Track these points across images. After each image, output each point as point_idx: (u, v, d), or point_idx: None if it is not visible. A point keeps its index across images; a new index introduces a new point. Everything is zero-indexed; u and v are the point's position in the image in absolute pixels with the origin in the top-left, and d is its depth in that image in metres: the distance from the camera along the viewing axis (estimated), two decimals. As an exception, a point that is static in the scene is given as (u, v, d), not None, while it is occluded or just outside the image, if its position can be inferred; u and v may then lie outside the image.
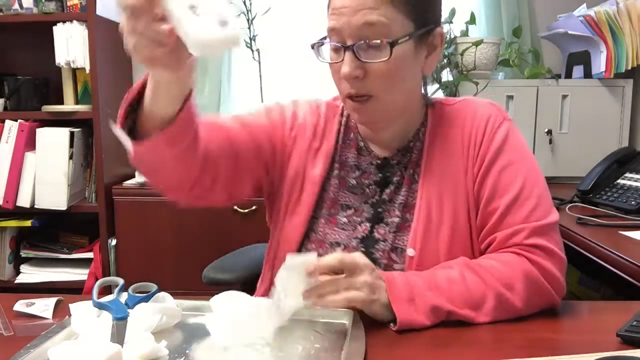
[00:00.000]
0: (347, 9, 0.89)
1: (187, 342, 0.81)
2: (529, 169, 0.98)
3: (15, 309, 0.92)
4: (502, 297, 0.87)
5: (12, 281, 2.31)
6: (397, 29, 0.90)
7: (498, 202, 0.96)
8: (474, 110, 1.02)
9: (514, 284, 0.88)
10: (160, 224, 2.22)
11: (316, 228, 1.03)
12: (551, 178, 2.22)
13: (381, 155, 1.04)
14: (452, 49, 2.25)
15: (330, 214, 1.03)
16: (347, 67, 0.91)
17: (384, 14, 0.89)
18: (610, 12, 2.07)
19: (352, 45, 0.90)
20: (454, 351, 0.79)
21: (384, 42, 0.89)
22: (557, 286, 0.91)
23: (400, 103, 0.98)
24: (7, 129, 2.20)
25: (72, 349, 0.70)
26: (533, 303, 0.89)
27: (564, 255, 0.94)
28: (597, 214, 1.58)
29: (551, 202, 0.98)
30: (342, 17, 0.90)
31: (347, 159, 1.06)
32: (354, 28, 0.89)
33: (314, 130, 1.06)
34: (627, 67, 2.09)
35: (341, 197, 1.04)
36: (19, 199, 2.23)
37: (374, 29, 0.89)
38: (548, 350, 0.77)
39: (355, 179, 1.04)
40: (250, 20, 2.44)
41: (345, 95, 0.96)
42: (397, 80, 0.94)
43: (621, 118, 2.17)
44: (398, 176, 1.02)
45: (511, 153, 0.98)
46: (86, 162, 2.35)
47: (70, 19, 2.18)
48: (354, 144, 1.06)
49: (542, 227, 0.93)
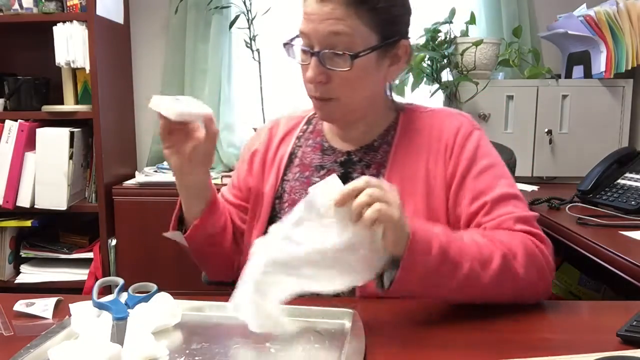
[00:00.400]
0: (315, 16, 0.95)
1: (187, 342, 0.81)
2: (505, 173, 1.04)
3: (15, 309, 0.92)
4: (508, 260, 0.88)
5: (12, 281, 2.31)
6: (361, 41, 0.96)
7: (484, 200, 0.99)
8: (444, 120, 1.07)
9: (516, 251, 0.90)
10: (160, 224, 2.20)
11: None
12: (551, 178, 2.22)
13: (344, 150, 1.10)
14: (452, 49, 2.25)
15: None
16: (312, 72, 0.97)
17: (349, 25, 0.94)
18: (610, 12, 2.07)
19: (317, 52, 0.96)
20: (453, 351, 0.79)
21: (346, 55, 0.95)
22: (549, 267, 0.93)
23: (361, 106, 1.04)
24: (7, 129, 2.20)
25: (72, 349, 0.70)
26: (531, 274, 0.90)
27: (551, 244, 0.97)
28: (597, 214, 1.58)
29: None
30: (310, 24, 0.96)
31: (312, 161, 1.12)
32: (320, 36, 0.95)
33: (265, 148, 1.16)
34: (627, 67, 2.09)
35: (304, 196, 1.07)
36: (19, 199, 2.23)
37: (338, 39, 0.95)
38: (548, 350, 0.77)
39: (320, 178, 1.09)
40: (250, 20, 2.44)
41: (310, 95, 1.03)
42: (358, 88, 1.00)
43: (621, 118, 2.17)
44: (359, 173, 1.07)
45: (486, 159, 1.03)
46: (86, 162, 2.35)
47: (70, 19, 2.18)
48: (319, 146, 1.13)
49: (527, 217, 0.97)
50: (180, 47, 2.54)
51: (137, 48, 2.62)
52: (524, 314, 0.89)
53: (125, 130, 2.57)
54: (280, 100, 2.52)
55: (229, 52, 2.57)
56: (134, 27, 2.58)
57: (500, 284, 0.88)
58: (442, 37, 2.24)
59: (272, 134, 1.18)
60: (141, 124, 2.66)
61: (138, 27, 2.59)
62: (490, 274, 0.87)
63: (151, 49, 2.62)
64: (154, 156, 2.59)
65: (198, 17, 2.51)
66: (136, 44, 2.61)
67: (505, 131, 2.20)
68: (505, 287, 0.89)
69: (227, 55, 2.56)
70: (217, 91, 2.55)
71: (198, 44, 2.52)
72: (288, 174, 1.13)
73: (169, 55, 2.57)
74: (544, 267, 0.92)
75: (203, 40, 2.52)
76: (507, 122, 2.20)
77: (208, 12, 2.48)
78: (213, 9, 2.46)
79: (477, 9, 2.46)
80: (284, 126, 1.18)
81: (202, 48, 2.53)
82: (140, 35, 2.61)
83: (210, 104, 2.52)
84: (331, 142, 1.12)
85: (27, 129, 2.19)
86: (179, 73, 2.56)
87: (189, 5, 2.49)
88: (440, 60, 2.23)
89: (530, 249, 0.91)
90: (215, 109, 2.56)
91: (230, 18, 2.49)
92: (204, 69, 2.53)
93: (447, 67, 2.27)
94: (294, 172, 1.12)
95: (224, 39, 2.53)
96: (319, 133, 1.14)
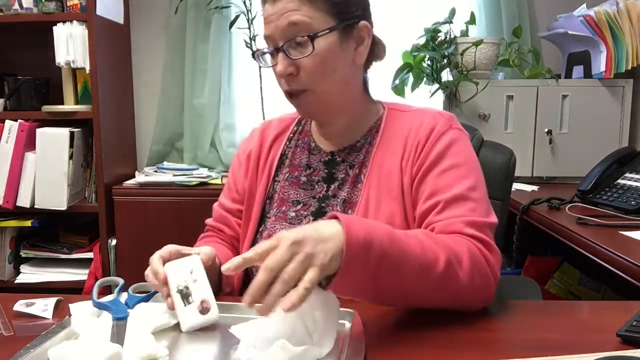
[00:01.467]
0: (273, 15, 0.99)
1: (187, 342, 0.81)
2: (471, 175, 1.00)
3: (15, 309, 0.92)
4: (451, 265, 0.84)
5: (12, 281, 2.31)
6: (319, 25, 0.99)
7: (437, 199, 0.97)
8: (423, 119, 1.06)
9: (462, 257, 0.86)
10: (160, 224, 2.22)
11: (268, 225, 1.10)
12: (551, 178, 2.22)
13: (328, 150, 1.12)
14: (452, 49, 2.24)
15: (282, 211, 1.10)
16: (281, 66, 1.00)
17: (305, 14, 0.98)
18: (610, 12, 2.07)
19: (282, 46, 0.99)
20: (453, 351, 0.79)
21: (305, 38, 0.98)
22: (494, 276, 0.89)
23: (335, 93, 1.04)
24: (7, 129, 2.20)
25: (72, 349, 0.70)
26: (475, 283, 0.87)
27: (500, 253, 0.94)
28: (597, 214, 1.58)
29: (491, 208, 0.99)
30: (271, 24, 1.00)
31: (301, 160, 1.14)
32: (280, 30, 0.99)
33: (258, 150, 1.17)
34: (627, 67, 2.08)
35: (292, 195, 1.12)
36: (19, 199, 2.23)
37: (298, 28, 0.98)
38: (548, 350, 0.77)
39: (307, 177, 1.12)
40: (250, 20, 2.44)
41: (285, 92, 1.05)
42: (327, 71, 1.01)
43: (621, 118, 2.17)
44: (343, 173, 1.09)
45: (454, 158, 1.01)
46: (86, 162, 2.35)
47: (70, 19, 2.18)
48: (307, 146, 1.15)
49: (480, 223, 0.93)
50: (180, 47, 2.54)
51: (137, 48, 2.62)
52: (524, 314, 0.90)
53: (125, 130, 2.57)
54: (280, 101, 2.51)
55: (229, 52, 2.57)
56: (134, 27, 2.58)
57: (442, 288, 0.85)
58: (442, 37, 2.24)
59: (264, 136, 1.19)
60: (141, 124, 2.66)
61: (138, 27, 2.59)
62: (433, 278, 0.83)
63: (151, 49, 2.62)
64: (154, 156, 2.60)
65: (198, 17, 2.51)
66: (136, 44, 2.61)
67: (505, 131, 2.20)
68: (447, 292, 0.86)
69: (227, 55, 2.56)
70: (217, 91, 2.55)
71: (198, 44, 2.52)
72: (279, 174, 1.15)
73: (169, 55, 2.57)
74: (488, 276, 0.88)
75: (203, 40, 2.52)
76: (507, 122, 2.20)
77: (208, 12, 2.48)
78: (213, 9, 2.46)
79: (477, 9, 2.46)
80: (276, 128, 1.20)
81: (202, 48, 2.53)
82: (140, 35, 2.61)
83: (210, 103, 2.53)
84: (317, 142, 1.14)
85: (27, 129, 2.19)
86: (179, 73, 2.56)
87: (189, 5, 2.49)
88: (440, 60, 2.22)
89: (476, 256, 0.88)
90: (215, 109, 2.56)
91: (230, 18, 2.49)
92: (204, 69, 2.53)
93: (447, 67, 2.27)
94: (284, 172, 1.14)
95: (224, 39, 2.53)
96: (307, 133, 1.17)
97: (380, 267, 0.79)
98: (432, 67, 2.22)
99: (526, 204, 1.73)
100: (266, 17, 1.01)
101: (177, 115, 2.59)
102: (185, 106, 2.56)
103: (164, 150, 2.61)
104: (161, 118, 2.59)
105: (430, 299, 0.87)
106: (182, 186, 2.29)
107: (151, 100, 2.63)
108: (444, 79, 2.25)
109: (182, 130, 2.59)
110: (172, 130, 2.60)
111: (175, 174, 2.34)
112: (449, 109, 2.20)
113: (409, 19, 2.48)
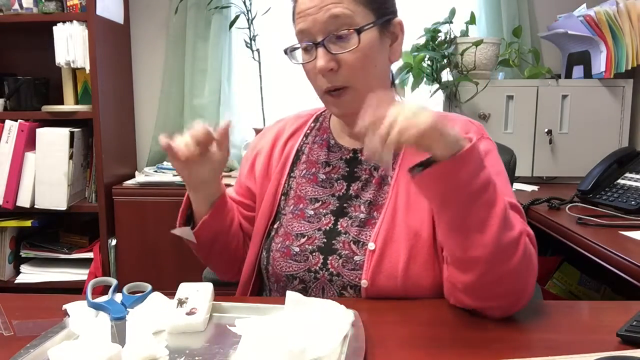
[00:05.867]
0: (312, 9, 0.96)
1: (187, 342, 0.81)
2: (503, 185, 0.97)
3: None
4: (523, 237, 0.84)
5: (12, 281, 2.32)
6: (360, 19, 0.97)
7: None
8: (455, 125, 1.02)
9: (531, 236, 0.87)
10: (160, 223, 2.22)
11: (284, 221, 1.08)
12: (551, 178, 2.22)
13: (350, 148, 1.09)
14: (452, 49, 2.25)
15: (299, 208, 1.08)
16: (322, 61, 0.96)
17: (346, 7, 0.96)
18: (610, 12, 2.07)
19: (322, 41, 0.96)
20: (453, 351, 0.79)
21: (351, 31, 0.96)
22: (532, 286, 0.88)
23: (376, 90, 0.99)
24: (7, 129, 2.20)
25: (72, 349, 0.70)
26: (523, 274, 0.85)
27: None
28: (597, 214, 1.58)
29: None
30: (308, 17, 0.97)
31: (319, 157, 1.11)
32: (321, 24, 0.96)
33: (271, 147, 1.16)
34: (627, 67, 2.09)
35: (309, 192, 1.09)
36: (19, 199, 2.23)
37: (339, 21, 0.95)
38: (548, 350, 0.77)
39: (325, 174, 1.09)
40: (250, 20, 2.44)
41: (323, 91, 1.01)
42: (369, 67, 0.99)
43: (621, 118, 2.17)
44: (367, 174, 1.06)
45: (493, 168, 0.97)
46: (86, 162, 2.35)
47: (70, 19, 2.18)
48: (326, 143, 1.12)
49: (532, 236, 0.90)
50: (180, 47, 2.54)
51: (137, 48, 2.62)
52: (524, 314, 0.89)
53: (125, 130, 2.57)
54: (280, 101, 2.52)
55: (229, 52, 2.57)
56: (134, 27, 2.58)
57: (509, 250, 0.82)
58: (442, 37, 2.24)
59: (279, 132, 1.17)
60: (141, 124, 2.67)
61: (138, 27, 2.59)
62: (508, 236, 0.81)
63: (151, 49, 2.62)
64: (154, 156, 2.60)
65: (198, 17, 2.51)
66: (136, 44, 2.61)
67: (505, 131, 2.20)
68: (513, 258, 0.82)
69: (227, 55, 2.56)
70: (217, 91, 2.55)
71: (198, 44, 2.53)
72: (295, 170, 1.12)
73: (169, 55, 2.57)
74: (535, 269, 0.88)
75: (203, 40, 2.53)
76: (507, 122, 2.20)
77: (208, 12, 2.48)
78: (213, 9, 2.47)
79: (477, 9, 2.46)
80: (292, 125, 1.18)
81: (202, 48, 2.53)
82: (140, 35, 2.61)
83: (210, 104, 2.53)
84: (337, 139, 1.12)
85: (27, 129, 2.19)
86: (179, 73, 2.56)
87: (189, 5, 2.49)
88: (440, 60, 2.22)
89: (532, 254, 0.86)
90: (215, 109, 2.56)
91: (230, 18, 2.49)
92: (204, 69, 2.53)
93: (447, 67, 2.27)
94: (300, 168, 1.12)
95: (224, 39, 2.53)
96: (326, 130, 1.14)
97: (482, 192, 0.79)
98: (432, 67, 2.22)
99: (526, 204, 1.73)
100: (302, 10, 0.98)
101: (177, 115, 2.59)
102: (185, 106, 2.56)
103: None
104: (161, 118, 2.59)
105: (496, 252, 0.82)
106: (182, 186, 2.28)
107: (151, 100, 2.63)
108: (444, 79, 2.25)
109: (182, 130, 2.54)
110: (172, 130, 2.58)
111: (175, 174, 2.34)
112: (449, 109, 2.20)
113: (409, 19, 2.46)
